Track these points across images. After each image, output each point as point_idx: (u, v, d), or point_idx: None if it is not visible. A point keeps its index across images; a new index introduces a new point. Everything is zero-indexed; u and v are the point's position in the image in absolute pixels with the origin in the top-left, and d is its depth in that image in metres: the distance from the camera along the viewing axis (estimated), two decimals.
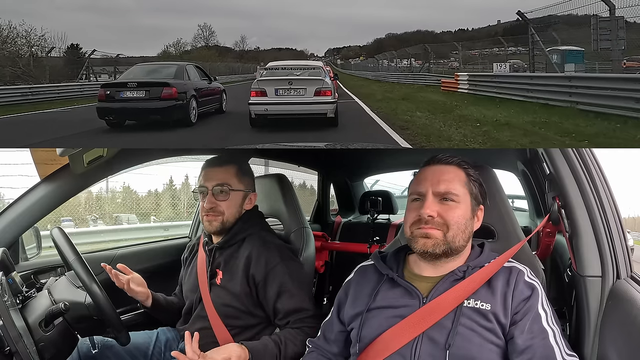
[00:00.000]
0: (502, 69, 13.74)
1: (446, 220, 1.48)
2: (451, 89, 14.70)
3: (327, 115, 7.72)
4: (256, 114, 7.79)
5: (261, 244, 1.93)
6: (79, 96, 16.47)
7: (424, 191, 1.52)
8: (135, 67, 9.08)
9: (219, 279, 1.97)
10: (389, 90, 17.06)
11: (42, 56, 20.94)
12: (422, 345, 1.42)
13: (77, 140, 7.49)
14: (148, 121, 8.12)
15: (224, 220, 1.95)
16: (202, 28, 66.92)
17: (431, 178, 1.53)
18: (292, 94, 7.69)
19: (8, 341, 1.54)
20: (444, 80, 16.03)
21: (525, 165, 2.92)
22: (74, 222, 8.92)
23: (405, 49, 28.41)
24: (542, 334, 1.38)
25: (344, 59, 66.06)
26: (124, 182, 10.40)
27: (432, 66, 22.57)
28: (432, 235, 1.48)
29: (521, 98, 10.57)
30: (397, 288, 1.55)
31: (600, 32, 9.32)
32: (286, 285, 1.87)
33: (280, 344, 1.75)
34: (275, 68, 8.41)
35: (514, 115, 8.79)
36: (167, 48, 57.51)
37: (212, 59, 41.83)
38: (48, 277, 2.11)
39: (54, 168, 2.02)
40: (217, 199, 1.94)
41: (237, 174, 1.98)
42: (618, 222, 1.58)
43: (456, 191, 1.51)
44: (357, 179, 4.29)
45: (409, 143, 6.77)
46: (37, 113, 12.14)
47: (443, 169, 1.55)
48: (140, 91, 7.84)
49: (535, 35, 11.75)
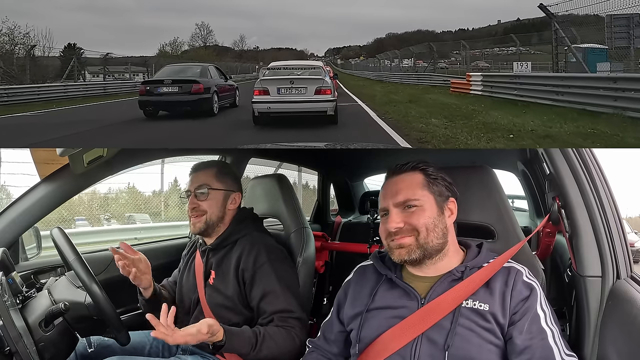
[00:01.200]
0: (524, 68, 12.19)
1: (414, 225, 1.51)
2: (462, 91, 13.67)
3: (327, 112, 8.00)
4: (259, 112, 8.08)
5: (251, 245, 1.96)
6: (62, 97, 15.52)
7: (386, 206, 1.56)
8: (167, 67, 11.01)
9: (212, 279, 1.99)
10: (393, 92, 16.17)
11: (24, 55, 19.77)
12: (421, 346, 1.43)
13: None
14: (179, 112, 9.60)
15: (207, 219, 1.98)
16: (200, 27, 65.98)
17: (390, 191, 1.57)
18: (293, 92, 7.98)
19: (8, 341, 1.54)
20: (453, 81, 15.12)
21: (525, 165, 2.92)
22: (89, 221, 9.12)
23: (409, 47, 27.58)
24: (541, 334, 1.38)
25: (344, 58, 66.02)
26: (128, 183, 10.57)
27: (444, 66, 21.97)
28: (405, 244, 1.51)
29: (549, 102, 9.30)
30: (395, 289, 1.56)
31: (614, 30, 9.00)
32: (272, 286, 1.87)
33: (259, 335, 1.76)
34: (277, 68, 8.71)
35: (550, 124, 7.53)
36: (164, 47, 57.00)
37: (209, 59, 41.63)
38: (48, 277, 2.11)
39: (54, 168, 2.02)
40: (199, 199, 1.99)
41: (216, 174, 2.03)
42: (618, 222, 1.58)
43: (415, 196, 1.53)
44: (357, 179, 4.29)
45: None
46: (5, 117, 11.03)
47: (398, 179, 1.58)
48: (174, 87, 9.53)
49: (560, 31, 10.76)
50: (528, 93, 10.27)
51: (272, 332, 1.79)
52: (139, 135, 8.22)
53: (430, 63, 22.18)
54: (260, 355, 1.74)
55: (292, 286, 1.94)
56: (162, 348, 2.07)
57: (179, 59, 32.69)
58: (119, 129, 8.91)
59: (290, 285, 1.93)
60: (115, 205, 10.35)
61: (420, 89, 16.47)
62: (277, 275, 1.90)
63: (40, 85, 16.17)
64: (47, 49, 22.69)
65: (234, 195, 2.06)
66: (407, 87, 18.06)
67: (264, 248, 1.95)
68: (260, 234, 2.06)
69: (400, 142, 6.92)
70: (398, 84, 21.19)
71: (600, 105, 7.92)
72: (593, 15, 10.32)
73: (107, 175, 2.21)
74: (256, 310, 1.90)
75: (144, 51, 60.75)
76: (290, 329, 1.82)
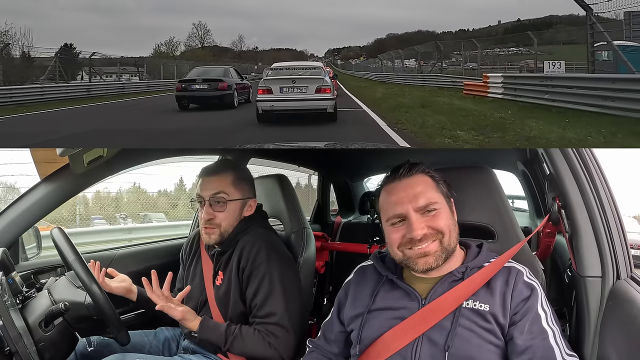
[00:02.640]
0: (556, 68, 10.26)
1: (438, 229, 1.47)
2: (477, 93, 12.23)
3: (327, 110, 8.46)
4: (263, 109, 8.56)
5: (253, 242, 1.92)
6: (39, 100, 14.00)
7: (405, 212, 1.48)
8: (195, 69, 13.35)
9: (219, 279, 1.98)
10: (399, 94, 14.52)
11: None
12: (422, 347, 1.43)
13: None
14: (207, 105, 11.45)
15: (222, 232, 1.94)
16: (197, 27, 62.98)
17: (405, 196, 1.49)
18: (295, 91, 8.46)
19: (8, 341, 1.54)
20: (467, 83, 13.59)
21: (525, 166, 2.92)
22: (106, 220, 9.26)
23: (414, 47, 25.77)
24: (542, 334, 1.38)
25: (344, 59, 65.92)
26: (134, 182, 10.77)
27: (445, 67, 20.61)
28: (430, 252, 1.47)
29: (596, 109, 7.61)
30: (396, 289, 1.56)
31: (634, 29, 8.24)
32: (264, 286, 1.85)
33: (232, 333, 1.78)
34: (280, 68, 9.26)
35: (612, 137, 6.10)
36: (159, 47, 54.58)
37: (205, 59, 40.18)
38: (48, 277, 2.11)
39: (54, 168, 2.02)
40: (215, 209, 1.92)
41: (233, 182, 1.95)
42: (618, 222, 1.58)
43: (434, 199, 1.49)
44: (357, 179, 4.29)
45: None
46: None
47: (412, 182, 1.51)
48: (204, 84, 11.67)
49: (598, 25, 9.04)
50: (564, 97, 8.70)
51: (244, 333, 1.80)
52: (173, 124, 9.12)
53: (435, 63, 20.85)
54: (234, 351, 1.81)
55: (288, 289, 1.88)
56: (162, 347, 2.06)
57: (174, 60, 32.33)
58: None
59: (285, 288, 1.87)
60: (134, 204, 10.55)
61: (427, 91, 15.15)
62: (273, 277, 1.86)
63: (11, 88, 14.38)
64: (26, 48, 21.20)
65: (251, 202, 2.01)
66: (412, 89, 16.69)
67: (265, 247, 1.92)
68: (264, 231, 2.02)
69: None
70: (402, 85, 19.89)
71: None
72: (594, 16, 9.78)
73: (107, 175, 2.21)
74: (248, 307, 1.89)
75: (140, 52, 58.91)
76: (266, 336, 1.79)
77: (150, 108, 12.86)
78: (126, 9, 74.64)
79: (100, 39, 64.60)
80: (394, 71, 26.86)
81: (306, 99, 8.42)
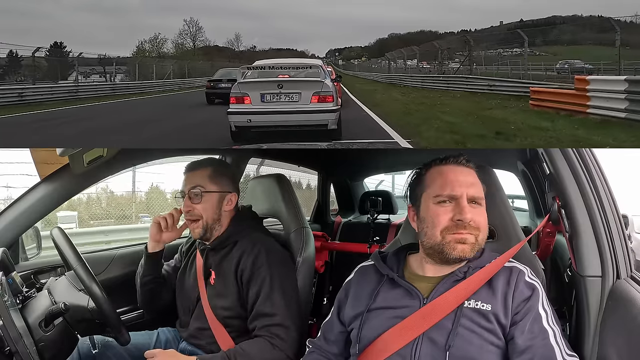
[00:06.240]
0: None
1: (478, 225, 1.47)
2: (564, 107, 8.02)
3: (327, 127, 5.97)
4: (237, 126, 6.09)
5: (252, 246, 1.95)
6: (17, 102, 14.04)
7: (458, 195, 1.47)
8: (220, 70, 16.33)
9: (212, 279, 1.99)
10: (427, 102, 10.89)
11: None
12: (422, 346, 1.42)
13: None
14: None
15: (204, 224, 1.97)
16: (189, 23, 57.24)
17: (464, 180, 1.49)
18: (282, 100, 6.00)
19: (8, 341, 1.54)
20: (534, 89, 9.28)
21: (525, 165, 2.92)
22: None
23: (434, 42, 21.61)
24: (543, 334, 1.37)
25: (346, 59, 65.82)
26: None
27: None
28: (468, 240, 1.46)
29: None
30: (397, 288, 1.55)
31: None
32: (266, 289, 1.87)
33: (232, 354, 1.78)
34: (263, 67, 6.44)
35: None
36: (142, 44, 50.71)
37: (195, 59, 37.66)
38: (48, 277, 2.11)
39: (54, 168, 2.02)
40: (193, 202, 1.97)
41: (210, 175, 2.00)
42: (618, 222, 1.58)
43: (481, 195, 1.51)
44: (357, 179, 4.29)
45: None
46: None
47: (468, 172, 1.52)
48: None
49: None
50: None
51: (246, 347, 1.80)
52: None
53: (464, 60, 17.87)
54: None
55: (287, 292, 1.91)
56: (162, 348, 2.06)
57: (160, 60, 31.36)
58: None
59: (285, 290, 1.90)
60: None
61: (473, 101, 11.09)
62: (273, 279, 1.89)
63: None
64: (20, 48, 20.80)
65: (230, 196, 2.03)
66: (437, 95, 13.77)
67: (264, 250, 1.94)
68: (260, 235, 2.05)
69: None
70: (420, 89, 17.08)
71: None
72: (597, 16, 9.37)
73: (107, 175, 2.22)
74: (249, 311, 1.90)
75: (123, 51, 54.58)
76: (270, 338, 1.81)
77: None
78: (127, 8, 74.43)
79: (91, 37, 63.01)
80: (407, 72, 23.16)
81: (298, 110, 5.93)
